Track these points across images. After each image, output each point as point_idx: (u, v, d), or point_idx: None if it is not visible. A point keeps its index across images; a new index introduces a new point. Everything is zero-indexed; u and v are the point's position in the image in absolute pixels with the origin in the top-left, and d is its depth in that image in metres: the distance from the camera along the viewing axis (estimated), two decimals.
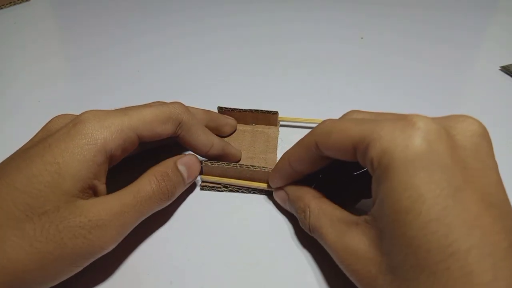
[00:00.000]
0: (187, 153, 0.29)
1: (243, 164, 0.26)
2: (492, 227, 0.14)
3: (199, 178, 0.27)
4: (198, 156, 0.26)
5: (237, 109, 0.32)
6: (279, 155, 0.30)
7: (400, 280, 0.15)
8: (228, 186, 0.26)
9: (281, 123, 0.33)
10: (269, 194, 0.26)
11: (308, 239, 0.23)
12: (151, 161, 0.24)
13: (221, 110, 0.32)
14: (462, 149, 0.16)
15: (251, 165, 0.26)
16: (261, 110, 0.32)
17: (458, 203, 0.15)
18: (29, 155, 0.19)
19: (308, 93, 0.39)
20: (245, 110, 0.32)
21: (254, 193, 0.26)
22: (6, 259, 0.17)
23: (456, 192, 0.15)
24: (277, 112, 0.32)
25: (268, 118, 0.32)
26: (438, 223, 0.14)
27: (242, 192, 0.27)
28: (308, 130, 0.33)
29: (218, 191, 0.27)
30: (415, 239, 0.15)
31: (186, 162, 0.24)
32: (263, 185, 0.26)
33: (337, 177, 0.25)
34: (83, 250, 0.18)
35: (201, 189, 0.27)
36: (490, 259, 0.14)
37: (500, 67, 0.43)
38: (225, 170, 0.26)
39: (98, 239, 0.19)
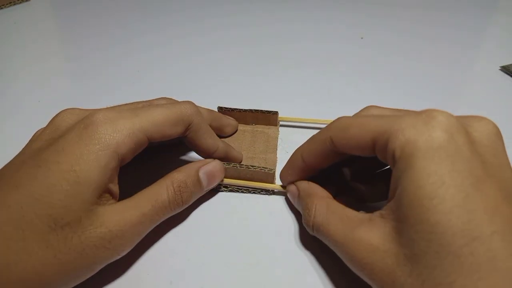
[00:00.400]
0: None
1: (243, 164, 0.26)
2: (511, 216, 0.15)
3: None
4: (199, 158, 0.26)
5: (237, 109, 0.32)
6: (279, 155, 0.30)
7: (422, 268, 0.15)
8: (228, 186, 0.27)
9: (281, 123, 0.33)
10: (269, 194, 0.26)
11: (308, 239, 0.23)
12: (156, 154, 0.24)
13: (221, 110, 0.32)
14: (480, 145, 0.17)
15: (251, 165, 0.26)
16: (261, 110, 0.32)
17: (479, 192, 0.15)
18: (43, 160, 0.19)
19: (308, 93, 0.39)
20: (245, 110, 0.32)
21: (254, 193, 0.26)
22: (32, 272, 0.17)
23: (477, 182, 0.15)
24: (277, 112, 0.32)
25: (268, 118, 0.32)
26: (462, 209, 0.15)
27: (242, 192, 0.27)
28: (308, 130, 0.33)
29: (218, 191, 0.27)
30: (440, 224, 0.15)
31: (209, 170, 0.24)
32: (263, 185, 0.26)
33: (350, 176, 0.25)
34: (102, 259, 0.19)
35: None
36: None
37: (500, 67, 0.43)
38: (225, 170, 0.26)
39: (116, 248, 0.19)
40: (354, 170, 0.24)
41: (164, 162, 0.29)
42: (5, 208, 0.17)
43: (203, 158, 0.26)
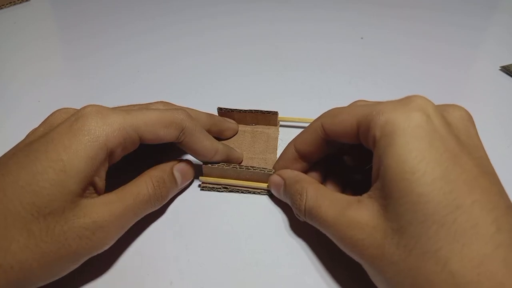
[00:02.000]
0: (185, 157, 0.29)
1: (242, 166, 0.26)
2: (490, 189, 0.16)
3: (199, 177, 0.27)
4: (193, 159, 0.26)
5: (237, 109, 0.32)
6: (279, 155, 0.30)
7: (408, 239, 0.16)
8: (228, 186, 0.26)
9: (281, 123, 0.33)
10: (269, 194, 0.26)
11: (307, 239, 0.23)
12: (150, 161, 0.24)
13: (221, 111, 0.32)
14: (454, 127, 0.18)
15: (250, 166, 0.26)
16: (261, 111, 0.31)
17: (457, 166, 0.16)
18: (32, 150, 0.19)
19: (308, 93, 0.39)
20: (245, 111, 0.32)
21: (254, 193, 0.26)
22: (13, 259, 0.17)
23: (454, 157, 0.16)
24: (277, 112, 0.32)
25: (268, 118, 0.32)
26: (443, 181, 0.16)
27: (242, 192, 0.27)
28: None
29: (218, 191, 0.27)
30: (423, 195, 0.16)
31: (182, 168, 0.25)
32: (263, 185, 0.26)
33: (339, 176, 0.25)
34: (85, 250, 0.19)
35: (201, 189, 0.27)
36: (492, 213, 0.15)
37: (500, 67, 0.43)
38: (224, 171, 0.26)
39: (100, 240, 0.19)
40: (342, 166, 0.25)
41: None
42: None
43: (203, 164, 0.26)
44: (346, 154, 0.26)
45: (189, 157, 0.27)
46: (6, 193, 0.17)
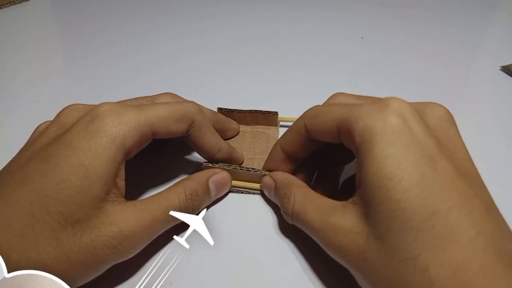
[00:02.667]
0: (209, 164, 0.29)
1: (243, 167, 0.26)
2: (467, 192, 0.16)
3: None
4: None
5: (236, 110, 0.32)
6: None
7: (388, 245, 0.16)
8: None
9: (281, 123, 0.33)
10: None
11: (308, 239, 0.23)
12: (160, 154, 0.24)
13: (221, 111, 0.32)
14: (433, 129, 0.18)
15: (251, 168, 0.26)
16: (261, 111, 0.31)
17: (434, 170, 0.16)
18: (50, 155, 0.18)
19: (308, 93, 0.39)
20: (245, 111, 0.32)
21: (253, 194, 0.26)
22: (43, 269, 0.17)
23: (431, 161, 0.16)
24: (277, 112, 0.32)
25: (268, 118, 0.32)
26: (419, 186, 0.16)
27: (242, 193, 0.27)
28: None
29: None
30: (400, 202, 0.16)
31: (218, 181, 0.25)
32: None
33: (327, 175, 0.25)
34: (111, 259, 0.19)
35: None
36: (470, 218, 0.15)
37: (500, 67, 0.43)
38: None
39: (126, 249, 0.19)
40: (329, 162, 0.25)
41: (169, 162, 0.29)
42: (14, 205, 0.17)
43: (204, 163, 0.26)
44: (333, 150, 0.26)
45: (195, 154, 0.27)
46: (32, 202, 0.17)
